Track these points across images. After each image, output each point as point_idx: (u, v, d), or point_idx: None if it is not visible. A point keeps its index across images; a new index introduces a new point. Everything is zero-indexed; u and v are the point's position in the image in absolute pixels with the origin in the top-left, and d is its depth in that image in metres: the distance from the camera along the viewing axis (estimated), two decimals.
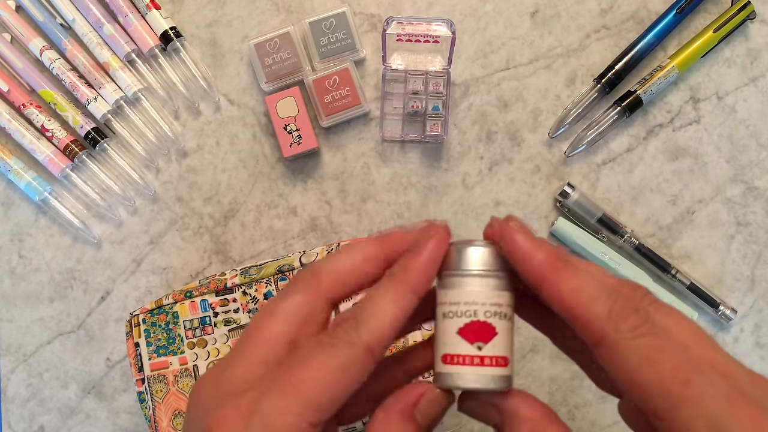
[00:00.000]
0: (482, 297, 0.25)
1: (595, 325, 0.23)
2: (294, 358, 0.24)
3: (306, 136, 0.53)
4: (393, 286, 0.25)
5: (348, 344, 0.24)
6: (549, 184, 0.55)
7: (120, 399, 0.56)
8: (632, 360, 0.22)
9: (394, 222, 0.55)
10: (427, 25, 0.49)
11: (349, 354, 0.23)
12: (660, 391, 0.21)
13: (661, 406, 0.21)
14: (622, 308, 0.23)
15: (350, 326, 0.24)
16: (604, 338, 0.22)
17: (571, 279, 0.24)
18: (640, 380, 0.21)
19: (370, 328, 0.24)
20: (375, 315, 0.24)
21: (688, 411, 0.21)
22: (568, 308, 0.23)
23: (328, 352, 0.24)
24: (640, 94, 0.53)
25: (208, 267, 0.56)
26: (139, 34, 0.54)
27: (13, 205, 0.56)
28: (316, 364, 0.23)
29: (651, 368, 0.21)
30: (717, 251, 0.55)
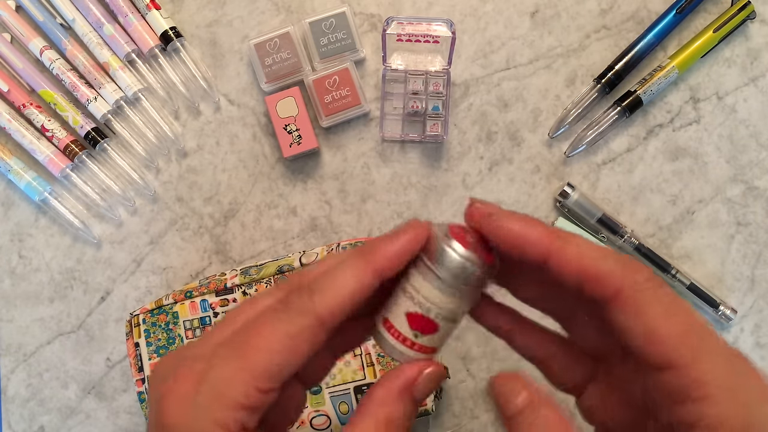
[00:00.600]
0: (441, 302, 0.26)
1: (611, 278, 0.23)
2: (247, 326, 0.24)
3: (306, 136, 0.53)
4: (357, 262, 0.24)
5: (299, 312, 0.23)
6: (549, 184, 0.55)
7: (120, 399, 0.56)
8: (653, 309, 0.22)
9: (394, 222, 0.55)
10: (427, 25, 0.49)
11: (299, 323, 0.23)
12: (681, 340, 0.21)
13: (682, 353, 0.21)
14: (632, 263, 0.23)
15: (304, 293, 0.24)
16: (622, 289, 0.22)
17: (574, 244, 0.24)
18: (661, 329, 0.22)
19: (325, 299, 0.24)
20: (332, 287, 0.24)
21: (708, 362, 0.21)
22: (579, 269, 0.23)
23: (279, 318, 0.23)
24: (640, 94, 0.53)
25: (208, 267, 0.56)
26: (139, 34, 0.55)
27: (13, 205, 0.56)
28: (266, 332, 0.23)
29: (672, 318, 0.22)
30: (717, 251, 0.55)
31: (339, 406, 0.47)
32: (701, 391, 0.21)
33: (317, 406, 0.47)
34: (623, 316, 0.22)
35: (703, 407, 0.21)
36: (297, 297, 0.24)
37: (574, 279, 0.23)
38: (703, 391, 0.21)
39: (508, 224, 0.25)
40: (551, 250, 0.24)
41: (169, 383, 0.23)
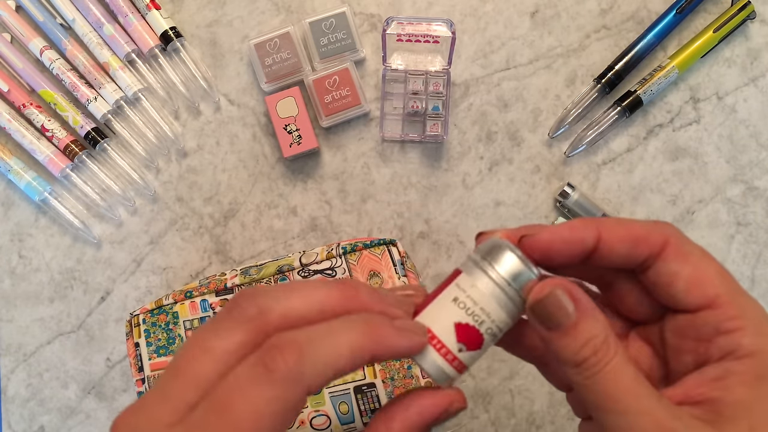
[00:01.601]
0: (496, 314, 0.25)
1: (656, 235, 0.25)
2: (222, 395, 0.21)
3: (306, 136, 0.53)
4: (360, 335, 0.22)
5: (287, 382, 0.21)
6: (549, 184, 0.55)
7: (120, 399, 0.56)
8: (696, 255, 0.25)
9: (394, 222, 0.55)
10: (427, 25, 0.49)
11: (286, 396, 0.21)
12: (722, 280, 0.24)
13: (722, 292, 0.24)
14: (659, 221, 0.26)
15: (293, 359, 0.21)
16: (669, 240, 0.25)
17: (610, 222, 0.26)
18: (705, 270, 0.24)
19: (316, 369, 0.21)
20: (325, 355, 0.22)
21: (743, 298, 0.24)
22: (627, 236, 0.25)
23: (262, 391, 0.21)
24: (640, 94, 0.53)
25: (208, 267, 0.56)
26: (139, 34, 0.55)
27: (13, 205, 0.56)
28: (246, 407, 0.20)
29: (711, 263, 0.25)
30: (717, 251, 0.55)
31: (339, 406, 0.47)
32: (737, 323, 0.23)
33: (317, 406, 0.47)
34: (673, 262, 0.24)
35: (739, 337, 0.23)
36: (283, 362, 0.21)
37: (624, 248, 0.25)
38: (739, 323, 0.23)
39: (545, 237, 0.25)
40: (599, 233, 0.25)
41: None
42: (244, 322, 0.22)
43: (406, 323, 0.25)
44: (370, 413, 0.47)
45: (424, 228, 0.55)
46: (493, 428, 0.55)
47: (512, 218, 0.55)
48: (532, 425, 0.55)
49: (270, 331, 0.22)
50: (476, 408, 0.55)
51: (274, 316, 0.23)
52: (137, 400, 0.23)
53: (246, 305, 0.23)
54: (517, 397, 0.55)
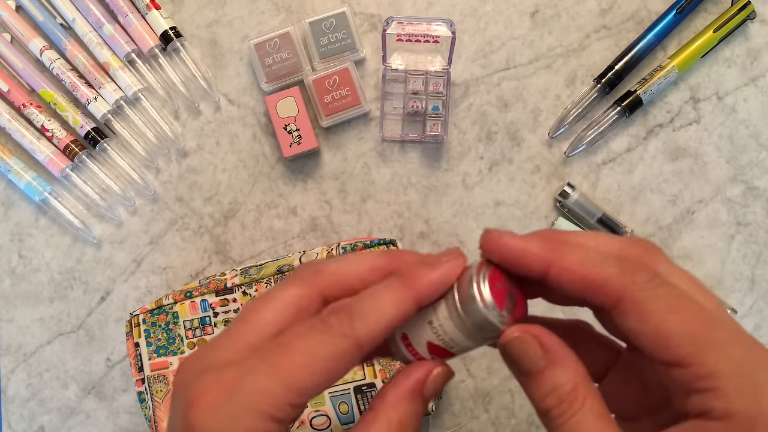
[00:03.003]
0: (463, 343, 0.26)
1: (611, 284, 0.23)
2: (283, 339, 0.24)
3: (306, 136, 0.53)
4: (399, 288, 0.24)
5: (340, 335, 0.23)
6: (549, 184, 0.55)
7: (120, 399, 0.56)
8: (655, 310, 0.22)
9: (394, 222, 0.55)
10: (427, 25, 0.49)
11: (338, 345, 0.23)
12: (688, 337, 0.21)
13: (689, 352, 0.21)
14: (631, 264, 0.23)
15: (345, 317, 0.24)
16: (624, 294, 0.22)
17: (574, 253, 0.24)
18: (667, 328, 0.22)
19: (365, 324, 0.24)
20: (373, 312, 0.24)
21: (715, 354, 0.21)
22: (580, 278, 0.23)
23: (318, 339, 0.23)
24: (640, 94, 0.53)
25: (208, 267, 0.56)
26: (139, 34, 0.55)
27: (13, 205, 0.56)
28: (304, 349, 0.23)
29: (676, 316, 0.22)
30: (717, 251, 0.55)
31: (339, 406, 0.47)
32: (708, 384, 0.21)
33: (317, 406, 0.47)
34: (627, 320, 0.23)
35: (711, 399, 0.21)
36: (337, 320, 0.24)
37: (577, 287, 0.24)
38: (710, 383, 0.21)
39: (508, 241, 0.25)
40: (550, 261, 0.24)
41: (197, 390, 0.23)
42: (300, 279, 0.26)
43: (434, 256, 0.26)
44: None
45: (424, 228, 0.55)
46: (493, 428, 0.55)
47: (512, 218, 0.55)
48: (532, 425, 0.55)
49: (324, 285, 0.25)
50: (476, 408, 0.55)
51: (327, 272, 0.26)
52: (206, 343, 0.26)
53: (305, 267, 0.26)
54: (517, 397, 0.55)
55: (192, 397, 0.23)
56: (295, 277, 0.26)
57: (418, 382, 0.25)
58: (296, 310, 0.25)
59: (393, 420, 0.25)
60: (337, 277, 0.26)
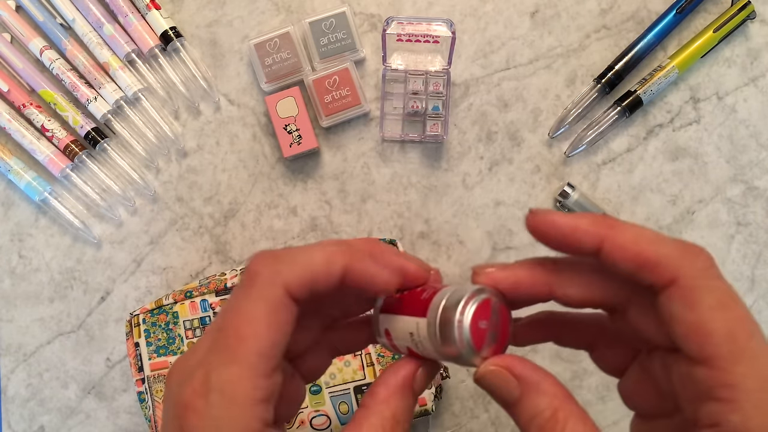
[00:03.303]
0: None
1: (668, 265, 0.22)
2: (225, 315, 0.24)
3: (306, 136, 0.53)
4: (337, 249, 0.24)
5: (267, 283, 0.23)
6: (549, 184, 0.55)
7: (120, 399, 0.56)
8: (705, 301, 0.21)
9: (394, 222, 0.55)
10: (427, 25, 0.49)
11: (270, 293, 0.23)
12: (727, 338, 0.21)
13: (724, 353, 0.21)
14: (693, 247, 0.22)
15: (269, 260, 0.24)
16: (678, 277, 0.22)
17: (629, 229, 0.23)
18: (710, 324, 0.21)
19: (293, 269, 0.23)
20: (302, 258, 0.24)
21: (746, 365, 0.20)
22: (635, 254, 0.22)
23: (249, 296, 0.23)
24: (640, 94, 0.53)
25: (208, 267, 0.56)
26: (139, 34, 0.55)
27: (13, 205, 0.56)
28: (243, 318, 0.23)
29: (723, 314, 0.21)
30: (717, 251, 0.55)
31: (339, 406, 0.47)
32: (729, 394, 0.20)
33: (317, 406, 0.47)
34: (676, 304, 0.22)
35: (727, 411, 0.20)
36: (262, 266, 0.24)
37: (630, 265, 0.23)
38: (731, 393, 0.20)
39: (557, 218, 0.24)
40: (605, 237, 0.23)
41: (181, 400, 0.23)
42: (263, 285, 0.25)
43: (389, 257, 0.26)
44: None
45: (424, 228, 0.55)
46: (493, 428, 0.55)
47: (512, 218, 0.55)
48: None
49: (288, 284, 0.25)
50: (476, 408, 0.55)
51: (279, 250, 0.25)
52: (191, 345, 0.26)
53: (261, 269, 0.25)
54: None
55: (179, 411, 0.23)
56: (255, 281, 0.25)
57: (408, 377, 0.26)
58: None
59: (386, 415, 0.25)
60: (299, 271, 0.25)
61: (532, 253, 0.55)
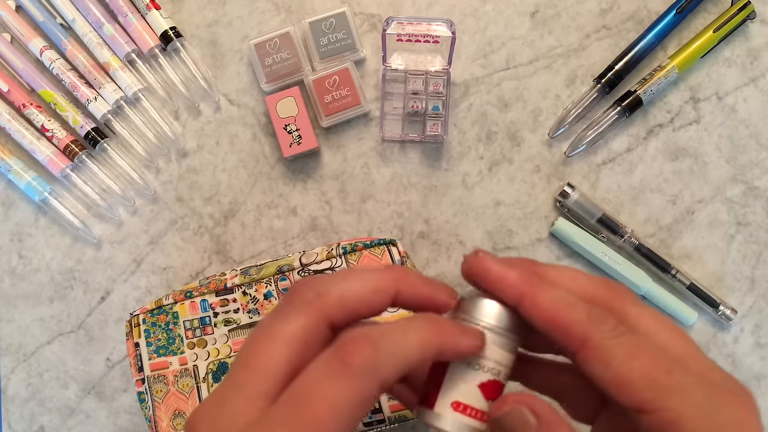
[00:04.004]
0: (506, 360, 0.26)
1: (577, 329, 0.23)
2: (300, 390, 0.22)
3: (306, 136, 0.53)
4: (428, 330, 0.23)
5: (363, 377, 0.21)
6: (549, 184, 0.55)
7: (120, 399, 0.56)
8: (617, 357, 0.22)
9: (394, 222, 0.55)
10: (427, 25, 0.49)
11: (363, 389, 0.21)
12: (647, 382, 0.22)
13: (650, 397, 0.21)
14: (599, 312, 0.24)
15: (368, 352, 0.22)
16: (588, 341, 0.23)
17: (548, 291, 0.24)
18: (627, 374, 0.22)
19: (390, 361, 0.22)
20: (398, 348, 0.22)
21: (676, 398, 0.21)
22: (549, 318, 0.24)
23: (340, 385, 0.21)
24: (640, 94, 0.53)
25: (208, 267, 0.56)
26: (139, 34, 0.55)
27: (13, 205, 0.56)
28: (327, 401, 0.21)
29: (635, 362, 0.22)
30: (717, 251, 0.55)
31: None
32: (675, 429, 0.21)
33: None
34: (590, 365, 0.23)
35: None
36: (360, 355, 0.21)
37: (544, 327, 0.24)
38: (676, 428, 0.21)
39: (490, 264, 0.25)
40: (524, 295, 0.24)
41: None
42: (303, 306, 0.24)
43: (467, 325, 0.26)
44: (370, 413, 0.47)
45: (424, 228, 0.55)
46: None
47: (512, 218, 0.55)
48: None
49: (330, 312, 0.24)
50: None
51: (332, 297, 0.24)
52: (213, 394, 0.23)
53: (304, 290, 0.24)
54: None
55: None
56: (294, 302, 0.24)
57: None
58: (304, 345, 0.23)
59: None
60: (342, 302, 0.24)
61: (532, 253, 0.55)
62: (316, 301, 0.24)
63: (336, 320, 0.24)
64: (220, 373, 0.47)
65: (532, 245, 0.55)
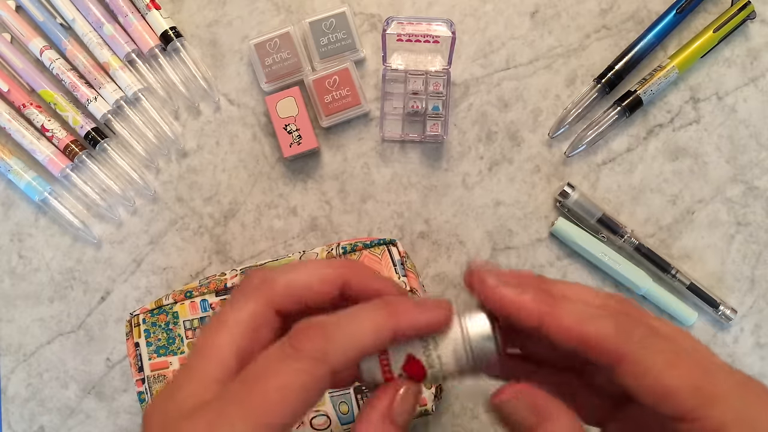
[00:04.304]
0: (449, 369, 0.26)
1: (609, 343, 0.23)
2: (252, 373, 0.22)
3: (306, 136, 0.53)
4: (380, 313, 0.24)
5: (313, 361, 0.22)
6: (549, 184, 0.55)
7: (120, 399, 0.56)
8: (655, 367, 0.22)
9: (394, 222, 0.55)
10: (427, 25, 0.49)
11: (313, 373, 0.22)
12: (691, 391, 0.21)
13: (693, 405, 0.21)
14: (625, 320, 0.23)
15: (317, 339, 0.22)
16: (623, 355, 0.23)
17: (567, 308, 0.24)
18: (670, 384, 0.22)
19: (341, 349, 0.22)
20: (350, 334, 0.23)
21: (720, 407, 0.21)
22: (576, 336, 0.23)
23: (291, 368, 0.22)
24: (640, 94, 0.53)
25: (208, 267, 0.56)
26: (139, 34, 0.55)
27: (13, 205, 0.56)
28: (277, 383, 0.22)
29: (677, 371, 0.22)
30: (717, 251, 0.55)
31: (339, 406, 0.47)
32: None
33: (317, 406, 0.47)
34: (629, 378, 0.23)
35: None
36: (310, 344, 0.22)
37: (569, 346, 0.24)
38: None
39: (503, 291, 0.25)
40: (549, 318, 0.24)
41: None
42: (251, 291, 0.24)
43: (425, 299, 0.25)
44: None
45: (424, 228, 0.55)
46: (493, 428, 0.55)
47: (512, 218, 0.55)
48: None
49: (276, 299, 0.24)
50: (476, 407, 0.55)
51: (279, 284, 0.25)
52: (166, 384, 0.24)
53: (253, 278, 0.25)
54: None
55: None
56: (244, 290, 0.25)
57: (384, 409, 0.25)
58: (252, 330, 0.24)
59: None
60: (289, 289, 0.25)
61: (532, 252, 0.55)
62: (263, 286, 0.25)
63: (283, 306, 0.25)
64: None
65: (532, 245, 0.55)
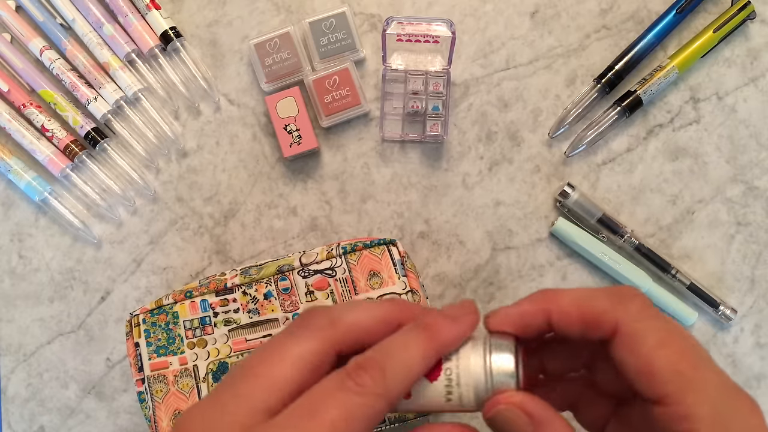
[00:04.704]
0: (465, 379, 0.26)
1: (606, 316, 0.23)
2: (312, 403, 0.22)
3: (306, 136, 0.53)
4: (424, 341, 0.24)
5: (375, 395, 0.22)
6: (549, 184, 0.55)
7: (120, 399, 0.56)
8: (647, 343, 0.22)
9: (394, 222, 0.55)
10: (427, 25, 0.49)
11: (375, 406, 0.22)
12: (673, 373, 0.22)
13: (672, 390, 0.22)
14: (620, 295, 0.24)
15: (377, 374, 0.23)
16: (619, 326, 0.23)
17: (567, 296, 0.25)
18: (655, 363, 0.22)
19: (398, 380, 0.23)
20: (404, 366, 0.24)
21: (695, 395, 0.21)
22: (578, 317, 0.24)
23: (354, 402, 0.22)
24: (640, 94, 0.53)
25: (208, 267, 0.56)
26: (139, 34, 0.55)
27: (13, 205, 0.56)
28: (339, 414, 0.22)
29: (665, 351, 0.22)
30: (717, 251, 0.55)
31: None
32: (686, 426, 0.21)
33: None
34: (620, 351, 0.23)
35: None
36: (371, 378, 0.23)
37: (577, 328, 0.24)
38: (687, 425, 0.21)
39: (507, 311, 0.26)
40: (547, 306, 0.25)
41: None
42: (317, 330, 0.25)
43: (453, 309, 0.26)
44: None
45: (424, 228, 0.55)
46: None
47: (512, 218, 0.55)
48: None
49: (340, 340, 0.25)
50: None
51: (343, 325, 0.25)
52: (210, 397, 0.24)
53: (319, 316, 0.25)
54: None
55: None
56: (309, 326, 0.25)
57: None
58: (312, 367, 0.24)
59: None
60: (352, 334, 0.25)
61: (532, 252, 0.55)
62: (330, 327, 0.25)
63: (344, 348, 0.25)
64: (220, 373, 0.47)
65: (532, 245, 0.55)
